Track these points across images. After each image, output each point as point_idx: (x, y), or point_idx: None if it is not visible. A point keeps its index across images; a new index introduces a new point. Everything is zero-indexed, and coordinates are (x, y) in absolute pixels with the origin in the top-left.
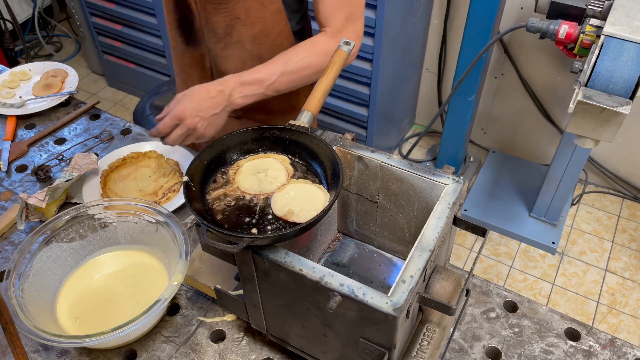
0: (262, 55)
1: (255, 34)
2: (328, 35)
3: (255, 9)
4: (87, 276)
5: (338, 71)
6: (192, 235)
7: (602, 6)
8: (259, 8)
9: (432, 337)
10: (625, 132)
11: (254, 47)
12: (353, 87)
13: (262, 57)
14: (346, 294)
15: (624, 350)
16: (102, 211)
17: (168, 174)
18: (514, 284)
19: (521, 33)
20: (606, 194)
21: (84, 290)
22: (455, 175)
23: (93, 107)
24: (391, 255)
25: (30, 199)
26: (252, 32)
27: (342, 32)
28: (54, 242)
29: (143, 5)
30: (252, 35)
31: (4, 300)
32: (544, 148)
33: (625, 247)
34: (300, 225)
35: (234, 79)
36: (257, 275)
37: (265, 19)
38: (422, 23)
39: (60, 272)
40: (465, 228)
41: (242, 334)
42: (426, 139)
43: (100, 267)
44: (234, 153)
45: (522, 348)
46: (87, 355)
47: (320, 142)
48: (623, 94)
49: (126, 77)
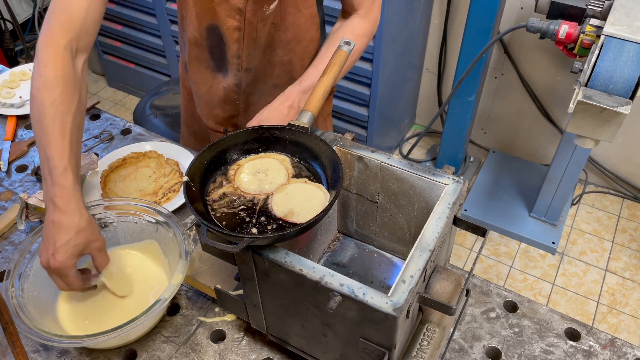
0: (292, 62)
1: (288, 40)
2: (360, 17)
3: (291, 14)
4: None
5: (338, 71)
6: (192, 235)
7: (602, 6)
8: (295, 12)
9: (432, 337)
10: (625, 132)
11: (285, 53)
12: (353, 87)
13: (292, 64)
14: (346, 294)
15: (624, 350)
16: (102, 211)
17: (168, 174)
18: (514, 284)
19: (521, 33)
20: (606, 194)
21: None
22: (455, 175)
23: (93, 107)
24: (391, 255)
25: (30, 199)
26: (285, 38)
27: (370, 11)
28: None
29: (143, 5)
30: (285, 41)
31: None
32: (544, 148)
33: (625, 247)
34: (300, 225)
35: (296, 89)
36: (257, 275)
37: (300, 24)
38: (422, 23)
39: None
40: (465, 228)
41: (242, 334)
42: (426, 139)
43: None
44: (234, 153)
45: (522, 348)
46: (87, 355)
47: (320, 142)
48: (623, 94)
49: (126, 77)
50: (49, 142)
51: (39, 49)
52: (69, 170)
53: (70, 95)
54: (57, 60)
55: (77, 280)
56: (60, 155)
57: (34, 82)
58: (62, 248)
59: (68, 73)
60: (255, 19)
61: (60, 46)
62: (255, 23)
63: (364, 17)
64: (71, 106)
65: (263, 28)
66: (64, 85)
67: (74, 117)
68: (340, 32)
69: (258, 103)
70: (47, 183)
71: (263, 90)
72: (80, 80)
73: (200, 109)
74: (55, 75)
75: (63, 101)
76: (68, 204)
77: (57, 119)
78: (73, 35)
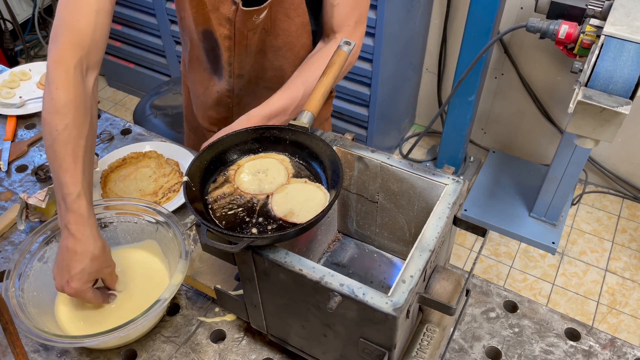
0: (283, 67)
1: (279, 46)
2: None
3: (282, 21)
4: None
5: (338, 71)
6: (192, 235)
7: (602, 6)
8: (285, 20)
9: (432, 337)
10: (625, 132)
11: (275, 58)
12: (353, 87)
13: (283, 69)
14: (346, 294)
15: (624, 350)
16: (102, 211)
17: (168, 174)
18: (514, 284)
19: (521, 33)
20: (606, 194)
21: None
22: (455, 175)
23: None
24: (391, 255)
25: (30, 199)
26: (276, 44)
27: (352, 36)
28: (54, 242)
29: (143, 5)
30: (276, 46)
31: (4, 300)
32: (544, 148)
33: (625, 247)
34: (300, 225)
35: (259, 113)
36: (257, 275)
37: (291, 31)
38: (422, 23)
39: None
40: (465, 228)
41: (242, 334)
42: (426, 139)
43: None
44: (234, 153)
45: (522, 348)
46: (87, 355)
47: (320, 142)
48: (623, 94)
49: (126, 77)
50: (62, 168)
51: (50, 69)
52: (82, 196)
53: (82, 120)
54: (68, 82)
55: (95, 298)
56: (74, 181)
57: (45, 105)
58: (77, 276)
59: (79, 96)
60: (245, 28)
61: (70, 66)
62: (246, 32)
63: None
64: (83, 130)
65: (253, 36)
66: (76, 110)
67: (86, 140)
68: (317, 58)
69: (250, 104)
70: (61, 209)
71: (255, 92)
72: (91, 100)
73: (197, 108)
74: (67, 99)
75: (75, 125)
76: (83, 231)
77: (69, 144)
78: (83, 54)
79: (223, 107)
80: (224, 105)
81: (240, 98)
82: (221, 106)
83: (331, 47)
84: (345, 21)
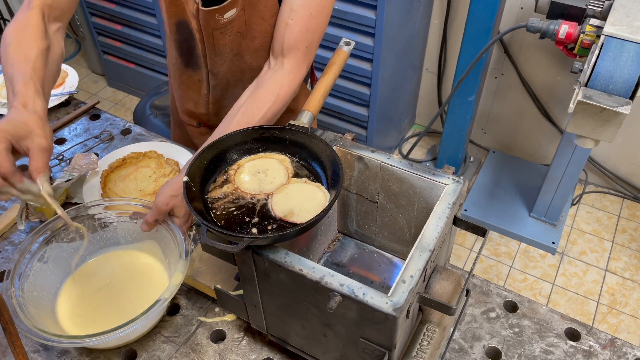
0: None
1: (256, 48)
2: (287, 70)
3: (257, 23)
4: (87, 276)
5: (338, 71)
6: (192, 235)
7: (602, 6)
8: (260, 22)
9: (432, 337)
10: (625, 132)
11: (253, 59)
12: (353, 87)
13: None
14: (346, 294)
15: (624, 350)
16: (102, 211)
17: (168, 174)
18: (514, 284)
19: (521, 33)
20: (606, 194)
21: (84, 290)
22: (455, 175)
23: (93, 107)
24: (391, 255)
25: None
26: (253, 46)
27: (301, 65)
28: (54, 242)
29: (143, 5)
30: (253, 49)
31: (4, 300)
32: (544, 148)
33: (625, 247)
34: (300, 225)
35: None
36: (257, 275)
37: (268, 33)
38: (422, 23)
39: (60, 272)
40: (465, 228)
41: (242, 334)
42: (426, 139)
43: (100, 267)
44: (234, 153)
45: (522, 348)
46: (87, 355)
47: (320, 142)
48: (623, 94)
49: (126, 77)
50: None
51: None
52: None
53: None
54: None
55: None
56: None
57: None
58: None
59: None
60: (209, 27)
61: (34, 8)
62: (211, 31)
63: (290, 71)
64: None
65: (222, 37)
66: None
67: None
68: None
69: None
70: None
71: (234, 94)
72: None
73: (177, 101)
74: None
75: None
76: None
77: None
78: (46, 2)
79: (200, 100)
80: (201, 97)
81: (218, 99)
82: (198, 101)
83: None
84: (296, 44)
